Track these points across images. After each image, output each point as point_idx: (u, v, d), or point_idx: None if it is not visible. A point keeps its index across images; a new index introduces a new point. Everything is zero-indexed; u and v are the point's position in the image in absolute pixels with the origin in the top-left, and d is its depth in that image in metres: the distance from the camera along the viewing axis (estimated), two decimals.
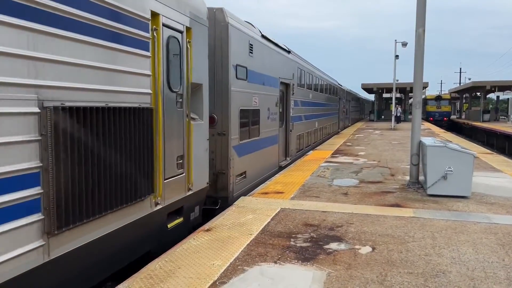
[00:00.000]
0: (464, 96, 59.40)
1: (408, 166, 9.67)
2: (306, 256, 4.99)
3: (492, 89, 44.53)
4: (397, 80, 34.55)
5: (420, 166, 9.01)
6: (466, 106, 58.08)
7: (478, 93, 51.90)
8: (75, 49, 3.96)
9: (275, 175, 10.77)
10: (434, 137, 11.67)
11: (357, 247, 5.31)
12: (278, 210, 7.11)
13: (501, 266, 4.71)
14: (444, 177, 8.04)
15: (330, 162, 13.24)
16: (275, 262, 4.79)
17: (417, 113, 9.14)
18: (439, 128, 35.92)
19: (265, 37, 10.85)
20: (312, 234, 5.81)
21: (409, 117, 40.64)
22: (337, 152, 15.94)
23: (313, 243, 5.46)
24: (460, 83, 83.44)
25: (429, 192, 8.21)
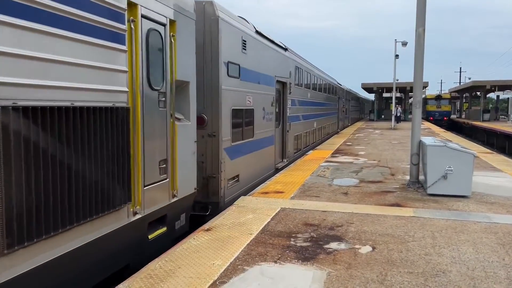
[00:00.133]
0: (464, 95, 59.42)
1: (408, 166, 9.67)
2: (306, 255, 4.99)
3: (492, 88, 44.59)
4: (397, 80, 34.56)
5: (420, 165, 9.00)
6: (466, 105, 58.09)
7: (478, 93, 51.91)
8: (32, 41, 3.51)
9: (275, 175, 10.76)
10: (434, 137, 11.68)
11: (357, 246, 5.31)
12: (278, 209, 7.11)
13: (501, 266, 4.71)
14: (444, 177, 8.04)
15: (330, 161, 13.24)
16: (275, 262, 4.79)
17: (417, 112, 9.14)
18: (439, 127, 35.93)
19: (260, 33, 10.40)
20: (312, 234, 5.81)
21: (409, 116, 40.70)
22: (337, 152, 15.93)
23: (313, 242, 5.46)
24: (460, 82, 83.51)
25: (429, 191, 8.21)
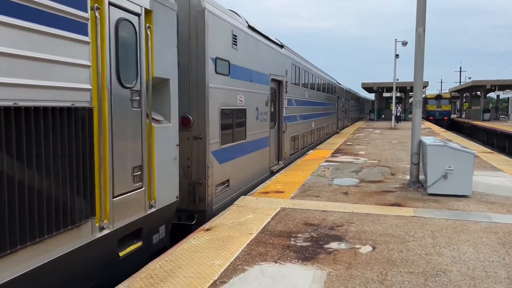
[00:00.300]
0: (464, 95, 59.42)
1: (408, 165, 9.67)
2: (306, 255, 4.98)
3: (492, 88, 44.60)
4: (397, 79, 34.55)
5: (421, 165, 9.00)
6: (466, 105, 58.08)
7: (478, 92, 51.89)
8: None
9: (274, 175, 10.76)
10: (435, 136, 11.68)
11: (357, 246, 5.31)
12: (278, 209, 7.11)
13: (502, 265, 4.71)
14: (445, 176, 8.04)
15: (330, 161, 13.24)
16: (276, 262, 4.79)
17: (417, 112, 9.14)
18: (439, 127, 35.95)
19: (253, 28, 9.64)
20: (312, 234, 5.81)
21: (409, 116, 40.69)
22: (337, 152, 15.93)
23: (313, 242, 5.45)
24: (460, 82, 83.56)
25: (429, 191, 8.20)
